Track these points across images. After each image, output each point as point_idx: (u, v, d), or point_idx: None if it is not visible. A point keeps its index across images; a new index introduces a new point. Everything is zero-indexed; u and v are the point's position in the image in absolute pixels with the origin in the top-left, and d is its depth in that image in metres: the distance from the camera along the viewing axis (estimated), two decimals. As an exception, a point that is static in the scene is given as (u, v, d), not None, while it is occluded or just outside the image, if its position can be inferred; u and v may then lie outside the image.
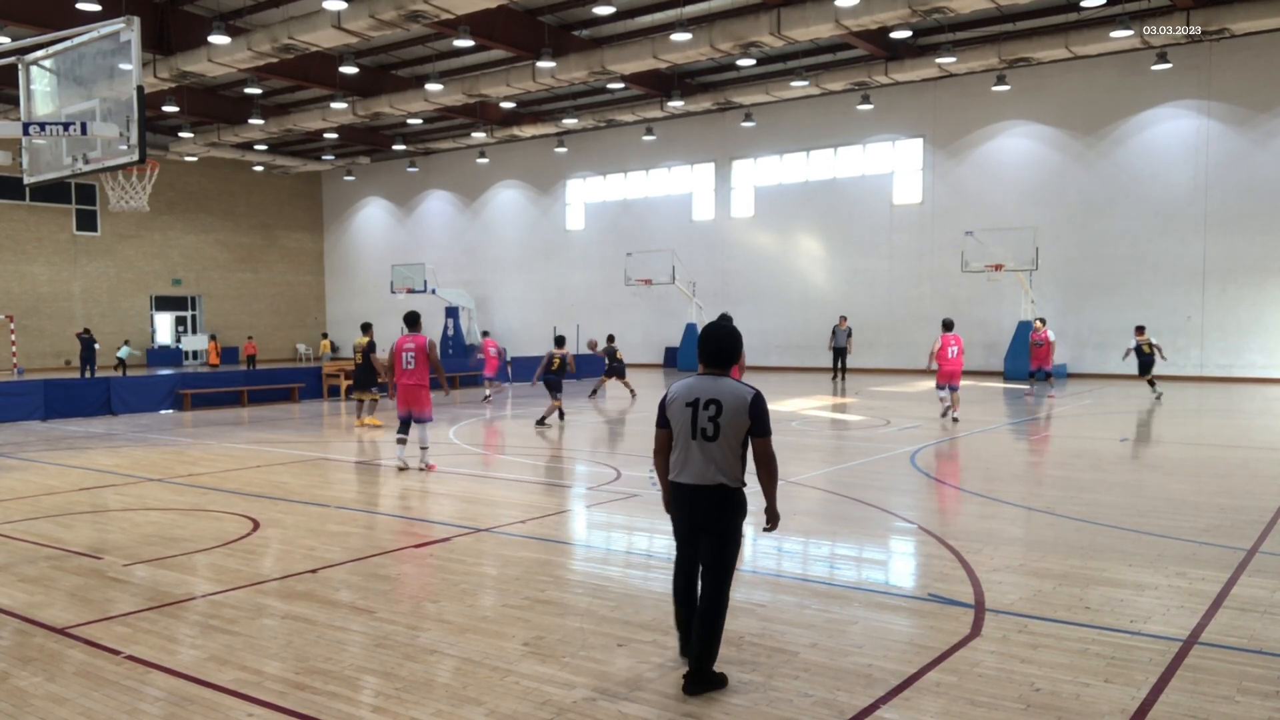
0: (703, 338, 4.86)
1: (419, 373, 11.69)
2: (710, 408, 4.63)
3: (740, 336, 4.93)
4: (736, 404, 4.62)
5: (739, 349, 4.87)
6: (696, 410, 4.66)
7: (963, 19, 24.38)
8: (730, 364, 4.82)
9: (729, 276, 34.44)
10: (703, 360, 4.83)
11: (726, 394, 4.65)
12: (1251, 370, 25.41)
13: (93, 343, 30.71)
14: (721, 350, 4.80)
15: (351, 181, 46.00)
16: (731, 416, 4.61)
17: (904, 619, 5.78)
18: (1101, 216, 27.45)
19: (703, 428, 4.63)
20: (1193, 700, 4.48)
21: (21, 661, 5.16)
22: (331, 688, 4.73)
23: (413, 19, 21.34)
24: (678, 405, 4.74)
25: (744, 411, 4.61)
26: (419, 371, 11.68)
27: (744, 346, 5.26)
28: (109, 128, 6.89)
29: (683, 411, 4.70)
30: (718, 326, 4.88)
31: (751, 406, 4.63)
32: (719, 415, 4.61)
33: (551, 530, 8.35)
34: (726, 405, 4.62)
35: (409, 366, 11.71)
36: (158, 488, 10.71)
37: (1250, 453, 12.77)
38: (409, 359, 11.71)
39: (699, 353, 4.83)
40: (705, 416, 4.63)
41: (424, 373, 11.71)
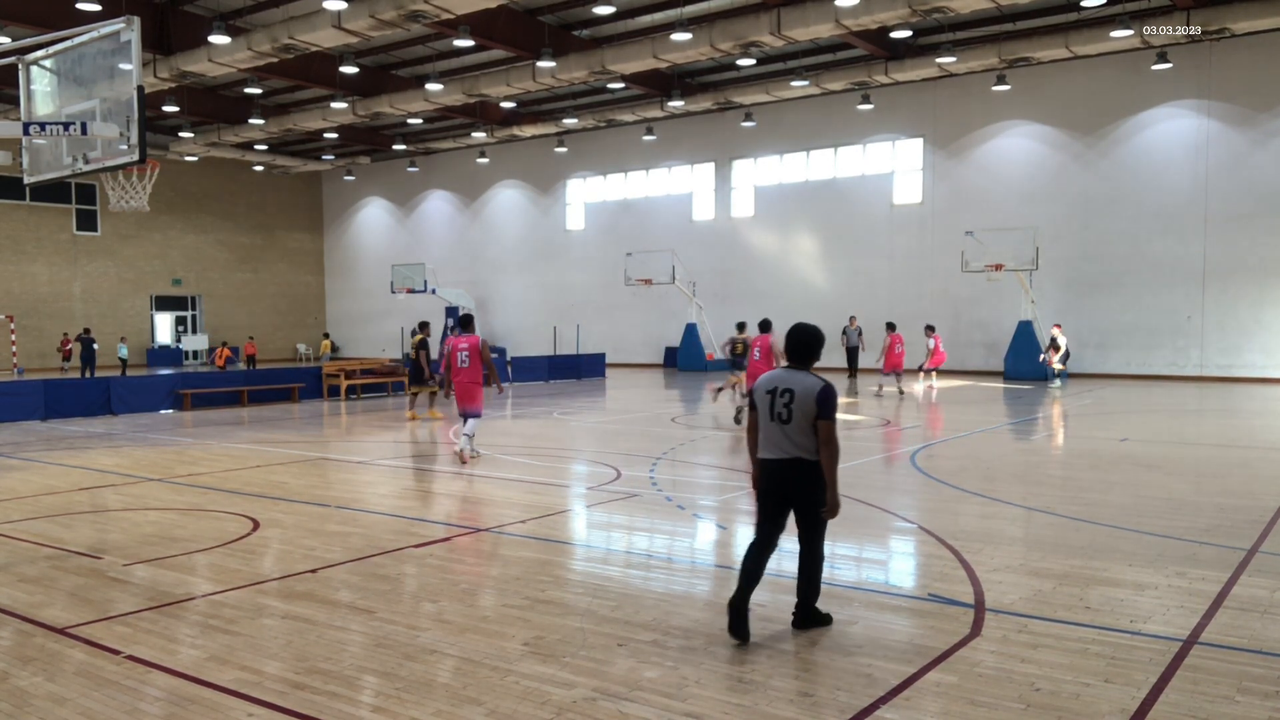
0: (788, 337, 5.69)
1: (473, 370, 12.28)
2: (785, 395, 5.45)
3: (822, 337, 5.68)
4: (806, 392, 5.41)
5: (819, 347, 5.64)
6: (774, 397, 5.49)
7: (963, 19, 24.38)
8: (811, 360, 5.62)
9: (729, 276, 34.44)
10: (788, 356, 5.68)
11: (800, 384, 5.45)
12: (1251, 370, 25.41)
13: (92, 343, 30.72)
14: (802, 347, 5.62)
15: (351, 181, 46.00)
16: (802, 403, 5.39)
17: (904, 619, 5.78)
18: (1101, 216, 27.45)
19: (779, 412, 5.46)
20: (1193, 700, 4.48)
21: (21, 661, 5.16)
22: (331, 688, 4.73)
23: (413, 19, 21.34)
24: (761, 393, 5.59)
25: (812, 399, 5.37)
26: (473, 369, 12.28)
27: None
28: (109, 128, 6.89)
29: (765, 398, 5.54)
30: (801, 328, 5.67)
31: (819, 395, 5.37)
32: (792, 402, 5.41)
33: (551, 530, 8.35)
34: (798, 393, 5.42)
35: (464, 365, 12.27)
36: (158, 488, 10.71)
37: (1250, 453, 12.77)
38: (464, 358, 12.28)
39: (786, 349, 5.70)
40: (781, 403, 5.45)
41: (478, 370, 12.31)
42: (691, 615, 5.83)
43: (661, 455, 12.79)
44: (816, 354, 5.62)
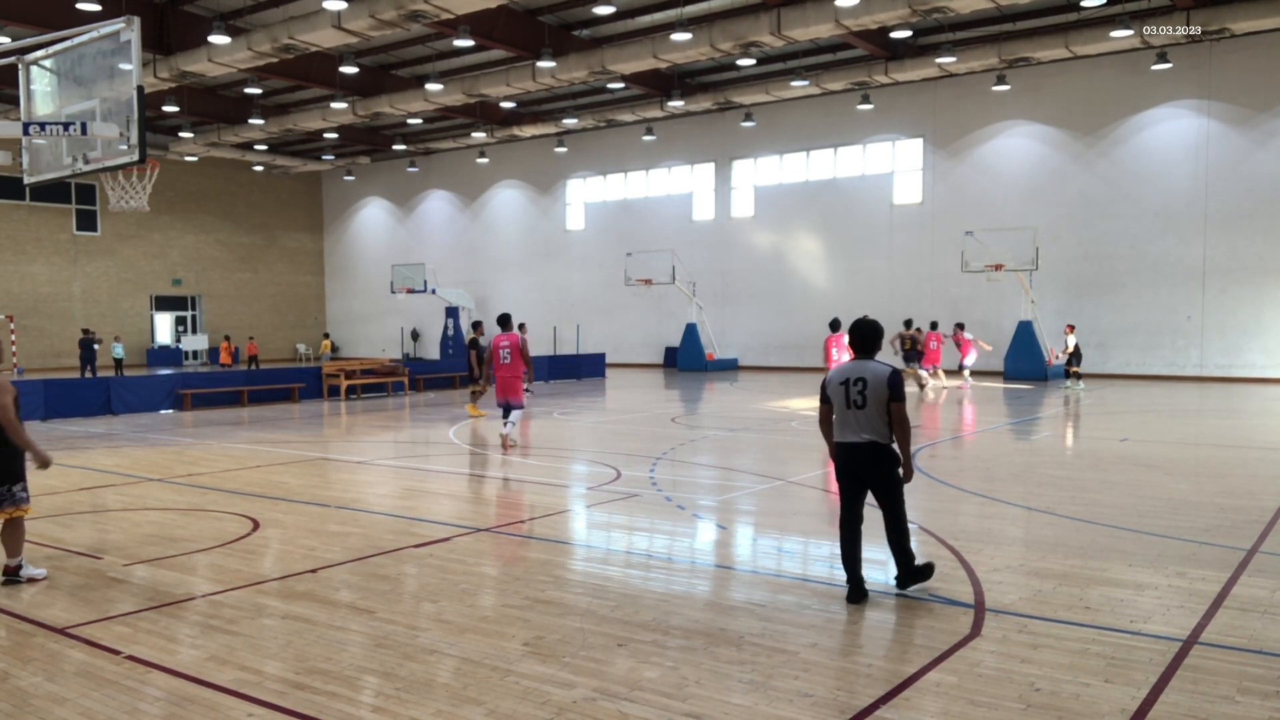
0: (852, 331, 6.27)
1: (514, 366, 13.31)
2: (859, 384, 6.06)
3: (882, 329, 6.35)
4: (877, 378, 6.04)
5: (880, 338, 6.28)
6: (848, 387, 6.09)
7: (963, 19, 24.38)
8: (874, 350, 6.24)
9: (729, 276, 34.45)
10: (853, 348, 6.26)
11: (870, 373, 6.08)
12: (1251, 370, 25.41)
13: (93, 343, 30.71)
14: (866, 339, 6.23)
15: (351, 181, 46.01)
16: (874, 388, 6.01)
17: (904, 619, 5.77)
18: (1101, 216, 27.45)
19: (853, 399, 6.06)
20: (1193, 700, 4.48)
21: (21, 661, 5.17)
22: (331, 688, 4.73)
23: (413, 19, 21.34)
24: (834, 384, 6.17)
25: (884, 384, 6.01)
26: (514, 365, 13.31)
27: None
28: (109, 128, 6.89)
29: (839, 389, 6.14)
30: (863, 322, 6.26)
31: (889, 379, 6.02)
32: (865, 389, 6.03)
33: (551, 530, 8.35)
34: (871, 381, 6.03)
35: (505, 361, 13.31)
36: (158, 488, 10.71)
37: (1250, 453, 12.77)
38: (505, 354, 13.32)
39: (850, 343, 6.31)
40: (855, 391, 6.06)
41: (518, 366, 13.34)
42: (691, 615, 5.83)
43: (661, 455, 12.79)
44: (879, 344, 6.26)
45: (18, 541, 6.80)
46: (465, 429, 16.48)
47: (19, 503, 6.79)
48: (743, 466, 11.96)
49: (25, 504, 6.85)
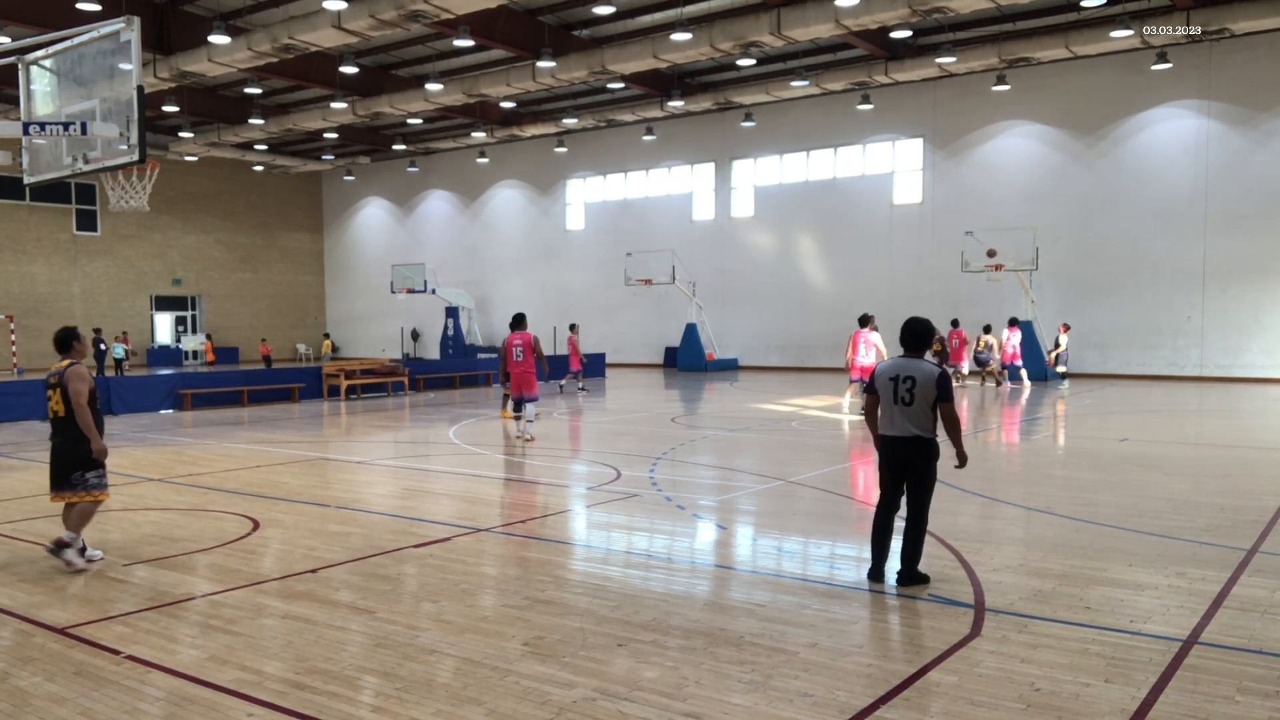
0: (904, 329, 6.46)
1: (527, 363, 14.12)
2: (907, 381, 6.26)
3: (933, 328, 6.55)
4: (926, 378, 6.23)
5: (931, 337, 6.47)
6: (897, 383, 6.29)
7: (963, 19, 24.38)
8: (924, 349, 6.42)
9: (729, 276, 34.45)
10: (904, 345, 6.45)
11: (919, 371, 6.27)
12: (1251, 370, 25.40)
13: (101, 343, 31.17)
14: (916, 337, 6.41)
15: (351, 181, 46.01)
16: (923, 388, 6.21)
17: (904, 619, 5.78)
18: (1101, 216, 27.45)
19: (901, 396, 6.27)
20: (1193, 700, 4.48)
21: (21, 661, 5.17)
22: (331, 688, 4.73)
23: (413, 19, 21.34)
24: (884, 379, 6.38)
25: (932, 384, 6.21)
26: (527, 362, 14.12)
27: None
28: (109, 128, 6.89)
29: (888, 384, 6.34)
30: (915, 320, 6.45)
31: (938, 380, 6.21)
32: (914, 387, 6.23)
33: (551, 530, 8.35)
34: (919, 380, 6.23)
35: (518, 358, 14.11)
36: (158, 488, 10.71)
37: (1250, 453, 12.77)
38: (518, 352, 14.12)
39: (901, 340, 6.48)
40: (904, 388, 6.26)
41: (531, 362, 14.12)
42: (691, 615, 5.83)
43: (661, 455, 12.79)
44: (929, 343, 6.43)
45: (79, 522, 7.11)
46: (465, 430, 16.46)
47: (88, 488, 7.11)
48: (743, 466, 11.96)
49: (100, 490, 7.18)
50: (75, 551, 7.05)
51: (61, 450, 7.09)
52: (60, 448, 7.10)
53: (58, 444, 7.13)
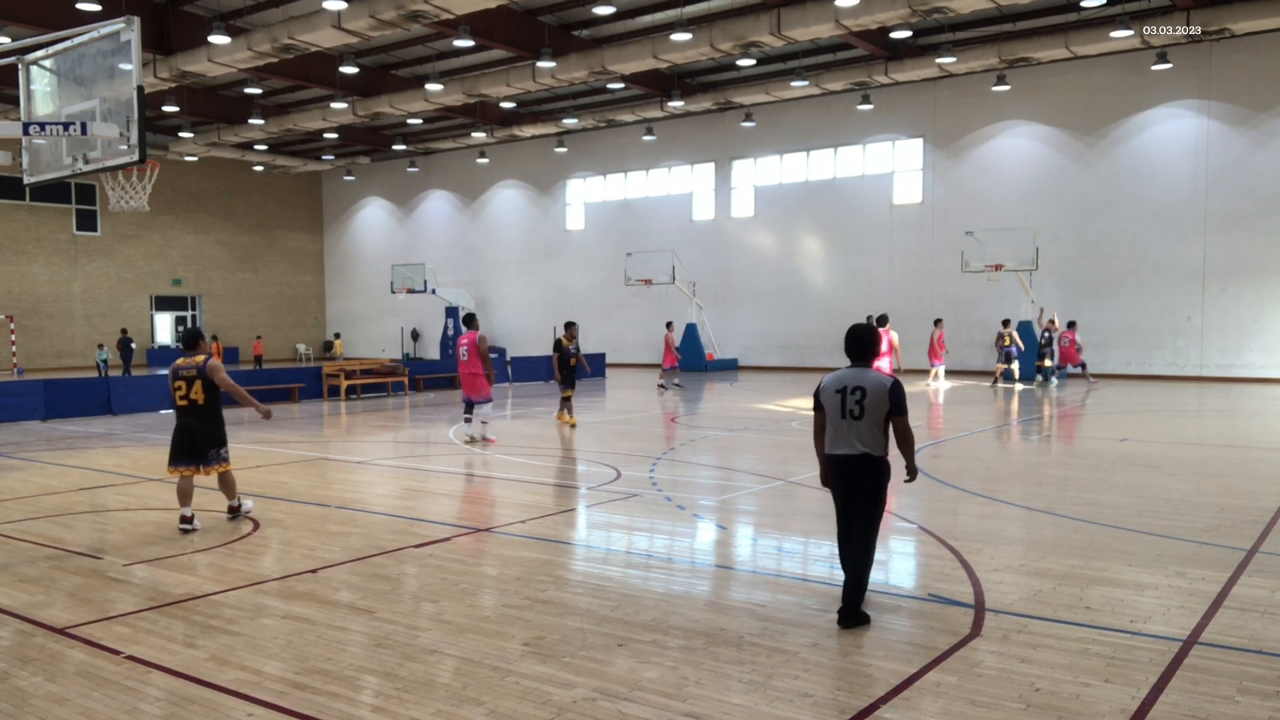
0: (848, 337, 5.85)
1: (472, 363, 13.85)
2: (856, 393, 5.63)
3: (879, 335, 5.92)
4: (877, 389, 5.60)
5: (878, 343, 5.86)
6: (845, 395, 5.66)
7: (963, 19, 24.38)
8: (872, 357, 5.82)
9: (729, 276, 34.44)
10: (849, 355, 5.84)
11: (870, 382, 5.63)
12: (1251, 370, 25.41)
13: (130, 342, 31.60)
14: (863, 346, 5.82)
15: (351, 181, 46.00)
16: (874, 399, 5.58)
17: (904, 619, 5.77)
18: (1101, 216, 27.45)
19: (850, 409, 5.63)
20: (1193, 700, 4.48)
21: (21, 661, 5.17)
22: (331, 688, 4.73)
23: (413, 19, 21.34)
24: (829, 392, 5.74)
25: (884, 395, 5.58)
26: (471, 362, 13.85)
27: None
28: (109, 128, 6.89)
29: (834, 397, 5.71)
30: (860, 327, 5.87)
31: (890, 392, 5.59)
32: (864, 399, 5.59)
33: (551, 530, 8.35)
34: (870, 390, 5.60)
35: (464, 358, 13.91)
36: (158, 488, 10.71)
37: (1250, 453, 12.77)
38: (463, 352, 13.92)
39: (846, 349, 5.85)
40: (852, 400, 5.63)
41: (476, 363, 13.89)
42: (691, 615, 5.83)
43: (661, 455, 12.79)
44: (877, 350, 5.88)
45: (231, 487, 8.75)
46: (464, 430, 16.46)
47: (222, 461, 8.59)
48: (743, 466, 11.96)
49: (227, 463, 8.67)
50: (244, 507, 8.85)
51: (202, 432, 8.41)
52: (200, 430, 8.41)
53: (197, 427, 8.41)
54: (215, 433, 8.50)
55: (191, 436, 8.41)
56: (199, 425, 8.41)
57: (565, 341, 16.40)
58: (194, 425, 8.42)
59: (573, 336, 16.52)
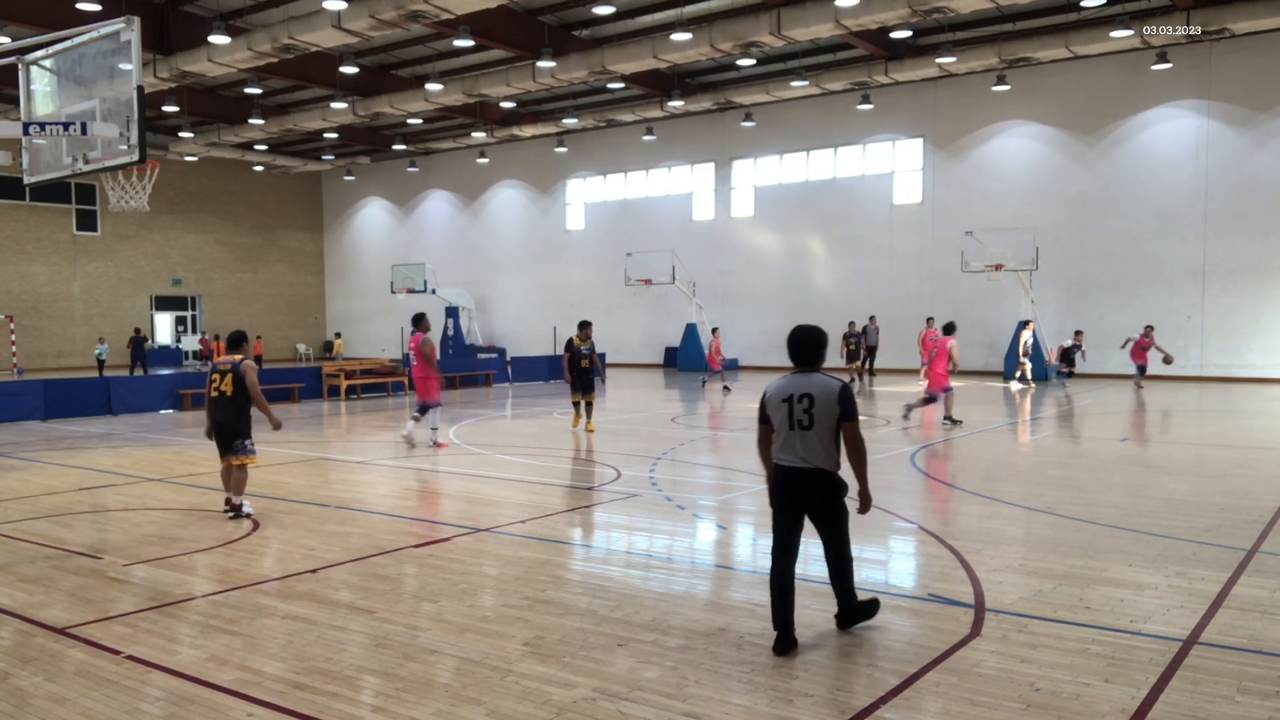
0: (791, 341, 5.40)
1: (420, 367, 13.62)
2: (804, 400, 5.24)
3: (825, 336, 5.45)
4: (826, 394, 5.22)
5: (824, 347, 5.41)
6: (793, 404, 5.27)
7: (963, 19, 24.38)
8: (819, 361, 5.39)
9: (729, 276, 34.44)
10: (794, 359, 5.40)
11: (817, 388, 5.25)
12: (1251, 370, 25.40)
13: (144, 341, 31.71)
14: (807, 348, 5.37)
15: (351, 181, 46.00)
16: (823, 406, 5.20)
17: (904, 619, 5.77)
18: (1101, 216, 27.45)
19: (799, 419, 5.23)
20: (1193, 700, 4.48)
21: (21, 661, 5.17)
22: (331, 688, 4.73)
23: (413, 19, 21.34)
24: (775, 401, 5.35)
25: (834, 401, 5.20)
26: (420, 366, 13.60)
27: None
28: (109, 128, 6.89)
29: (780, 407, 5.31)
30: (803, 330, 5.41)
31: (839, 396, 5.22)
32: (813, 407, 5.21)
33: (551, 530, 8.35)
34: (818, 396, 5.22)
35: (413, 361, 13.69)
36: (158, 488, 10.71)
37: (1250, 453, 12.77)
38: (412, 355, 13.70)
39: (790, 353, 5.40)
40: (800, 409, 5.24)
41: (424, 366, 13.57)
42: (691, 615, 5.83)
43: (661, 455, 12.79)
44: (824, 354, 5.42)
45: (238, 484, 8.93)
46: (465, 429, 16.46)
47: (246, 453, 8.91)
48: (743, 466, 11.96)
49: (251, 454, 8.96)
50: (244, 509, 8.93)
51: (225, 424, 8.87)
52: (223, 422, 8.88)
53: (220, 419, 8.90)
54: (237, 425, 8.90)
55: (219, 429, 8.94)
56: (222, 418, 8.91)
57: (578, 341, 15.32)
58: (218, 418, 8.94)
59: (586, 337, 15.41)
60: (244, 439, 8.92)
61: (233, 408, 8.93)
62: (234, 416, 8.91)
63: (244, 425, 8.94)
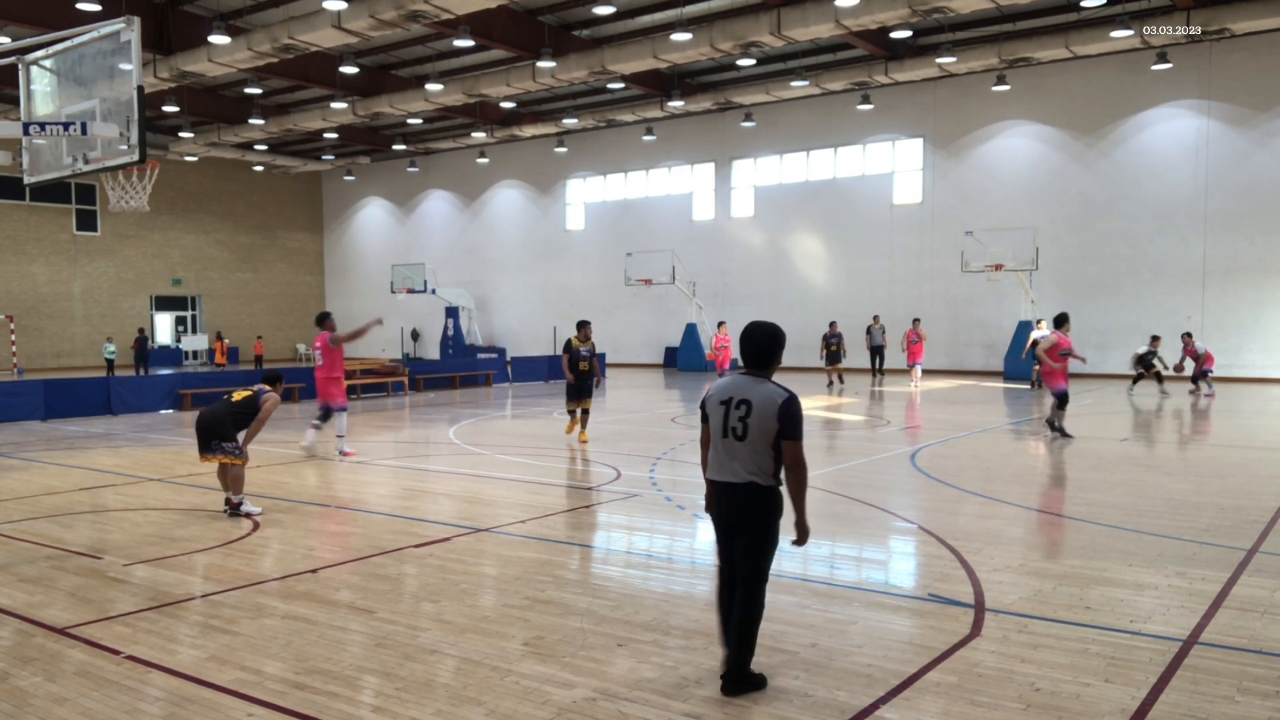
0: (744, 339, 4.76)
1: (326, 367, 12.69)
2: (741, 408, 4.59)
3: (783, 337, 4.77)
4: (765, 404, 4.54)
5: (780, 349, 4.73)
6: (729, 410, 4.64)
7: (963, 19, 24.38)
8: (772, 365, 4.72)
9: (729, 276, 34.44)
10: (745, 360, 4.76)
11: (758, 396, 4.58)
12: (1251, 370, 25.40)
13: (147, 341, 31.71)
14: (760, 349, 4.69)
15: (351, 181, 46.01)
16: (760, 417, 4.54)
17: (904, 619, 5.77)
18: (1101, 216, 27.45)
19: (733, 427, 4.61)
20: (1193, 700, 4.48)
21: (21, 661, 5.17)
22: (331, 688, 4.73)
23: (413, 19, 21.34)
24: (714, 403, 4.73)
25: (773, 414, 4.52)
26: (326, 366, 12.68)
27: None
28: (109, 128, 6.89)
29: (717, 410, 4.70)
30: (755, 326, 4.75)
31: (782, 409, 4.51)
32: (748, 416, 4.56)
33: (551, 530, 8.35)
34: (756, 405, 4.55)
35: (319, 362, 12.78)
36: (158, 488, 10.71)
37: (1250, 453, 12.77)
38: (317, 355, 12.79)
39: (741, 353, 4.76)
40: (736, 416, 4.61)
41: (330, 366, 12.70)
42: (691, 615, 5.83)
43: (661, 455, 12.79)
44: (778, 357, 4.74)
45: (234, 483, 8.95)
46: (465, 429, 16.46)
47: (227, 453, 8.88)
48: (743, 466, 11.93)
49: (230, 455, 8.89)
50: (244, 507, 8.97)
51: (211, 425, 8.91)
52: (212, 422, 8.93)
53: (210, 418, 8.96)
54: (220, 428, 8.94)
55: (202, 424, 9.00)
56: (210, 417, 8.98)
57: (576, 342, 14.11)
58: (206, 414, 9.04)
59: (586, 337, 14.17)
60: (222, 440, 8.93)
61: (226, 414, 8.99)
62: (224, 420, 8.95)
63: (230, 432, 8.98)
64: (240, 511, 8.93)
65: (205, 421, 8.98)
